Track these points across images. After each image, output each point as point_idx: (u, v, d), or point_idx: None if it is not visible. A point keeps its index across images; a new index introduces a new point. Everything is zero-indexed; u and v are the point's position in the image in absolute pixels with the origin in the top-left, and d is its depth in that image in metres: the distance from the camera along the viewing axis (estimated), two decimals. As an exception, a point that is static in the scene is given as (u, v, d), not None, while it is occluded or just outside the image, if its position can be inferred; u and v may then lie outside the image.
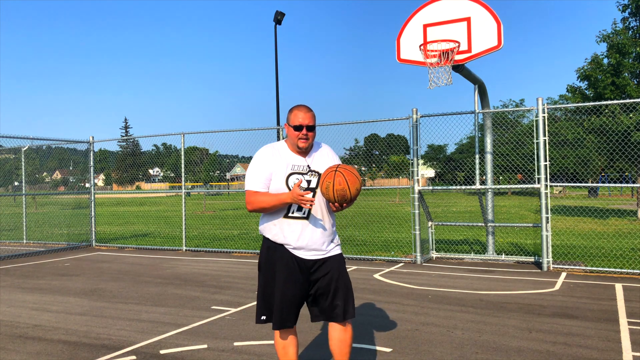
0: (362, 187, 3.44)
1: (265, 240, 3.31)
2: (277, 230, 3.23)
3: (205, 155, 26.17)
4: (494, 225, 9.49)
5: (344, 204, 3.12)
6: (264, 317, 3.29)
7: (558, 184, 8.91)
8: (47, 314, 5.99)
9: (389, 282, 7.59)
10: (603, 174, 25.52)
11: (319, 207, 3.24)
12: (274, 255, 3.25)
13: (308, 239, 3.21)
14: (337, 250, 3.35)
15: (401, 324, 5.33)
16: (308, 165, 3.25)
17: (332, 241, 3.32)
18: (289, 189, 3.16)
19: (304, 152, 3.26)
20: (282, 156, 3.23)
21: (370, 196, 33.17)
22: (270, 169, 3.20)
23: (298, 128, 3.17)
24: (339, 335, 3.31)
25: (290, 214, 3.21)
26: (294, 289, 3.21)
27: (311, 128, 3.20)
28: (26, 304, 6.50)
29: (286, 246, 3.22)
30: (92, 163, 13.17)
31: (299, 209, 3.19)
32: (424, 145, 9.59)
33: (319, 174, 3.24)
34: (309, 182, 3.22)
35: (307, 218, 3.21)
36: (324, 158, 3.32)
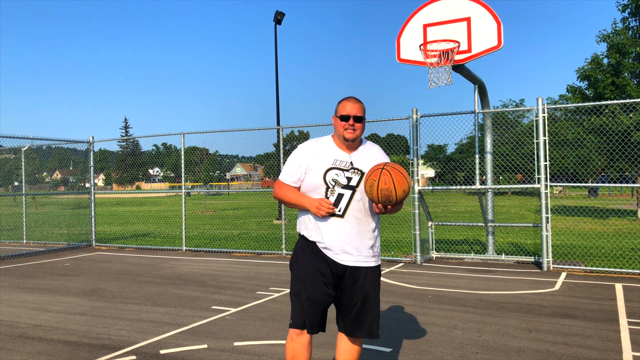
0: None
1: (301, 238, 3.16)
2: (313, 226, 3.07)
3: (205, 155, 26.18)
4: (494, 225, 9.49)
5: (389, 207, 2.88)
6: (292, 321, 3.15)
7: (558, 184, 8.91)
8: (47, 314, 5.99)
9: (389, 282, 7.59)
10: (603, 174, 25.52)
11: (360, 207, 3.05)
12: (306, 255, 3.09)
13: (342, 238, 3.01)
14: (374, 262, 3.11)
15: (401, 324, 5.33)
16: (351, 162, 3.06)
17: (370, 248, 3.08)
18: (325, 183, 3.02)
19: (350, 147, 3.10)
20: (325, 150, 3.09)
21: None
22: (305, 164, 3.07)
23: (345, 118, 3.04)
24: (347, 346, 3.17)
25: None
26: (326, 291, 3.03)
27: (359, 119, 3.05)
28: (26, 304, 6.50)
29: (319, 244, 3.05)
30: (92, 163, 13.17)
31: (335, 205, 3.01)
32: (424, 145, 9.60)
33: (362, 173, 3.05)
34: (349, 179, 3.03)
35: (342, 216, 3.02)
36: (372, 159, 3.10)
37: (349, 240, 3.02)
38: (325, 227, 3.04)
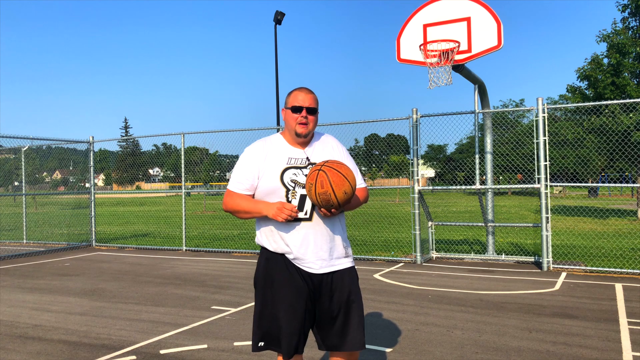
0: None
1: (264, 251, 2.83)
2: (277, 236, 2.76)
3: (205, 155, 26.17)
4: (494, 225, 9.49)
5: (332, 210, 2.63)
6: (262, 344, 2.76)
7: (558, 184, 8.92)
8: (47, 314, 5.99)
9: (389, 282, 7.59)
10: (603, 174, 25.54)
11: None
12: (274, 268, 2.76)
13: (313, 244, 2.72)
14: (348, 263, 2.83)
15: (401, 324, 5.33)
16: (307, 158, 2.80)
17: (341, 249, 2.82)
18: (284, 185, 2.73)
19: (303, 142, 2.82)
20: (277, 149, 2.80)
21: (370, 196, 33.09)
22: (255, 169, 2.78)
23: (297, 109, 2.75)
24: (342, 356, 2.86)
25: None
26: (303, 307, 2.72)
27: (312, 111, 2.77)
28: (26, 304, 6.50)
29: (288, 255, 2.75)
30: (92, 163, 13.18)
31: (300, 208, 2.72)
32: (424, 145, 9.61)
33: None
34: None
35: (310, 219, 2.74)
36: (327, 150, 2.87)
37: (321, 245, 2.74)
38: (292, 235, 2.73)
